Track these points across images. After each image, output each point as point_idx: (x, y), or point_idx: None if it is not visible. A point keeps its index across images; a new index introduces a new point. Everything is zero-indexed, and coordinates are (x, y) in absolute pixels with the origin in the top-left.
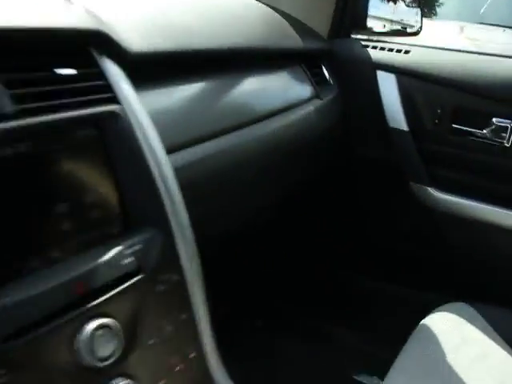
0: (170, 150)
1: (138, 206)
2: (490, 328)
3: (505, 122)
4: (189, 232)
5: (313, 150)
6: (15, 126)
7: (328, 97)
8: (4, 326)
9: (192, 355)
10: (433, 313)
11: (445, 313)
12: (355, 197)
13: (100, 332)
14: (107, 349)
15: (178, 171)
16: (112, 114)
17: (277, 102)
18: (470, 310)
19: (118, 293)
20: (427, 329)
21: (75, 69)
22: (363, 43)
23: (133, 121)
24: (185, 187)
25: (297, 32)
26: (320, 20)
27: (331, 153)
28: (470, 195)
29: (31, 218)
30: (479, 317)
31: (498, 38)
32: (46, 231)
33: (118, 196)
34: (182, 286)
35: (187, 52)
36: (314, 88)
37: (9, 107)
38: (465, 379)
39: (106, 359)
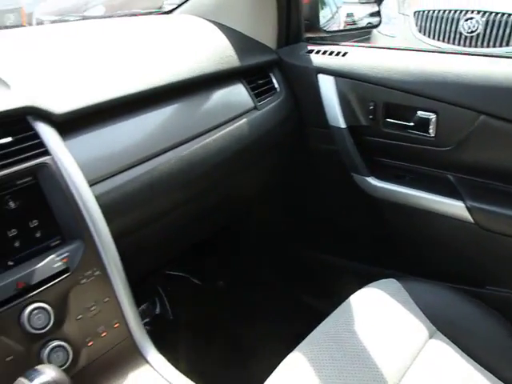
0: (93, 182)
1: (68, 226)
2: (411, 301)
3: (427, 115)
4: (108, 239)
5: (255, 151)
6: None
7: (269, 105)
8: None
9: (116, 325)
10: (363, 288)
11: (373, 288)
12: (308, 184)
13: (36, 312)
14: (41, 322)
15: (100, 197)
16: (43, 164)
17: (214, 119)
18: (397, 285)
19: (50, 286)
20: (351, 303)
21: (16, 135)
22: (309, 48)
23: (60, 166)
24: (107, 207)
25: (240, 49)
26: (267, 31)
27: (277, 151)
28: (404, 182)
29: None
30: (403, 291)
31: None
32: (3, 249)
33: (54, 220)
34: (104, 279)
35: (106, 101)
36: (252, 101)
37: None
38: (370, 350)
39: (41, 328)
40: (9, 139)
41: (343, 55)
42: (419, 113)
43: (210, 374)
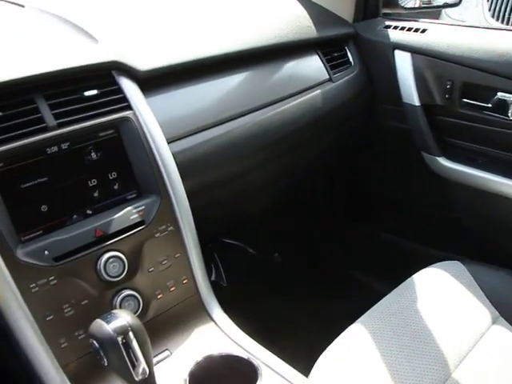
0: (170, 140)
1: (145, 180)
2: (475, 285)
3: (507, 97)
4: (183, 196)
5: (328, 123)
6: (57, 133)
7: (343, 78)
8: (55, 252)
9: (185, 281)
10: (427, 268)
11: (437, 269)
12: (374, 161)
13: (111, 260)
14: (116, 270)
15: (177, 155)
16: (125, 118)
17: (290, 88)
18: (462, 267)
19: (126, 236)
20: (412, 283)
21: (101, 88)
22: (387, 23)
23: (141, 121)
24: (183, 165)
25: (317, 20)
26: (345, 4)
27: (347, 125)
28: (476, 165)
29: (73, 189)
30: (467, 274)
31: None
32: (83, 197)
33: (131, 174)
34: (176, 234)
35: (188, 62)
36: (327, 72)
37: (52, 122)
38: (432, 329)
39: (115, 277)
40: (94, 92)
41: (422, 32)
42: (499, 94)
43: (264, 341)
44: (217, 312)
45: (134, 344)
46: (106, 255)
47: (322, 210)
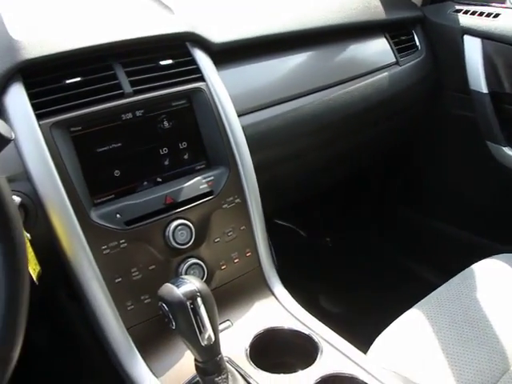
0: (240, 113)
1: (215, 152)
2: None
3: None
4: (251, 169)
5: (393, 106)
6: (133, 100)
7: (410, 62)
8: (127, 216)
9: (248, 254)
10: (486, 259)
11: (497, 260)
12: (435, 148)
13: (180, 227)
14: (184, 238)
15: (246, 128)
16: (198, 89)
17: (357, 68)
18: None
19: (195, 206)
20: (472, 272)
21: (175, 58)
22: (457, 7)
23: (213, 93)
24: (252, 139)
25: (385, 3)
26: None
27: (411, 109)
28: None
29: (145, 156)
30: None
31: None
32: (154, 165)
33: (201, 145)
34: (243, 207)
35: (259, 37)
36: (394, 55)
37: (128, 89)
38: (492, 320)
39: (183, 244)
40: (169, 61)
41: (495, 16)
42: None
43: None
44: (278, 287)
45: (202, 310)
46: (175, 222)
47: (376, 196)
